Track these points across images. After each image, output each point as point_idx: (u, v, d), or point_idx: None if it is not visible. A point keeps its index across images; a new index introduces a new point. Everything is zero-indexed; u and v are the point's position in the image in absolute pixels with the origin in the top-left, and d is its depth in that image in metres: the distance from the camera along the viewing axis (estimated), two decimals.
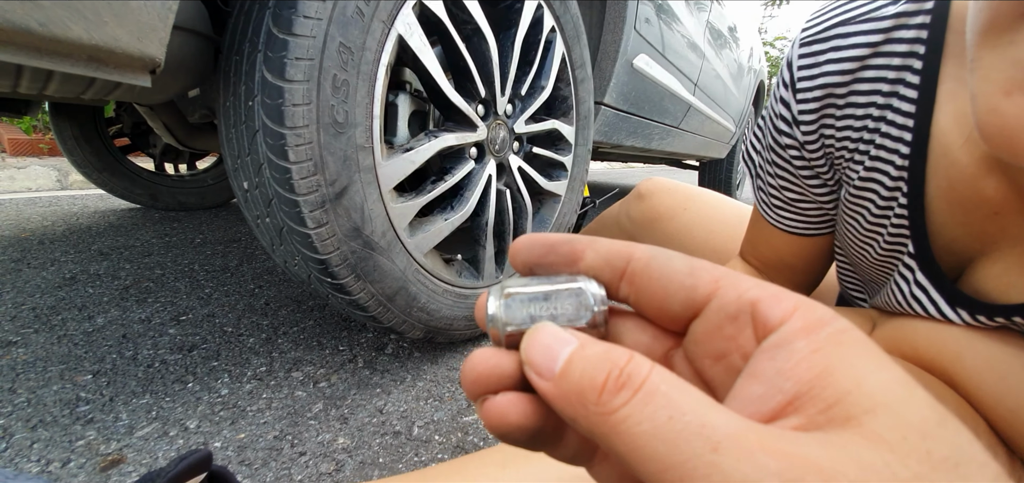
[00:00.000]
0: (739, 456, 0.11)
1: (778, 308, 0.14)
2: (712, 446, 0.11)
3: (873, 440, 0.11)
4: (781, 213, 0.56)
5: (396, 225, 0.73)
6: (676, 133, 2.08)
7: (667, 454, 0.12)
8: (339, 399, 0.74)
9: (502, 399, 0.16)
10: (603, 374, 0.13)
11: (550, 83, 0.99)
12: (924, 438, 0.11)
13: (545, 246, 0.19)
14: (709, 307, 0.16)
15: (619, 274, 0.18)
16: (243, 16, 0.63)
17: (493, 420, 0.16)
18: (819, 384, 0.12)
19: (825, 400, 0.12)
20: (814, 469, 0.11)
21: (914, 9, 0.39)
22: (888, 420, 0.11)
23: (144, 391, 0.72)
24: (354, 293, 0.70)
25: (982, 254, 0.40)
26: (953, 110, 0.38)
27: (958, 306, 0.40)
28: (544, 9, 0.93)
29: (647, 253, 0.17)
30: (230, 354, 0.85)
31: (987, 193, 0.37)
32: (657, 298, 0.17)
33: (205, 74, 0.72)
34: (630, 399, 0.13)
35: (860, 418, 0.11)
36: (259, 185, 0.65)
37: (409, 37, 0.69)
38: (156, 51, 0.47)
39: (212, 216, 1.93)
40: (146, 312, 0.98)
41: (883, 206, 0.44)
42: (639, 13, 1.29)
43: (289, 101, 0.57)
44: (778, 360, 0.13)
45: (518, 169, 0.98)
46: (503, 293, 0.17)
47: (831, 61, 0.44)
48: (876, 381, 0.12)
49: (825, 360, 0.12)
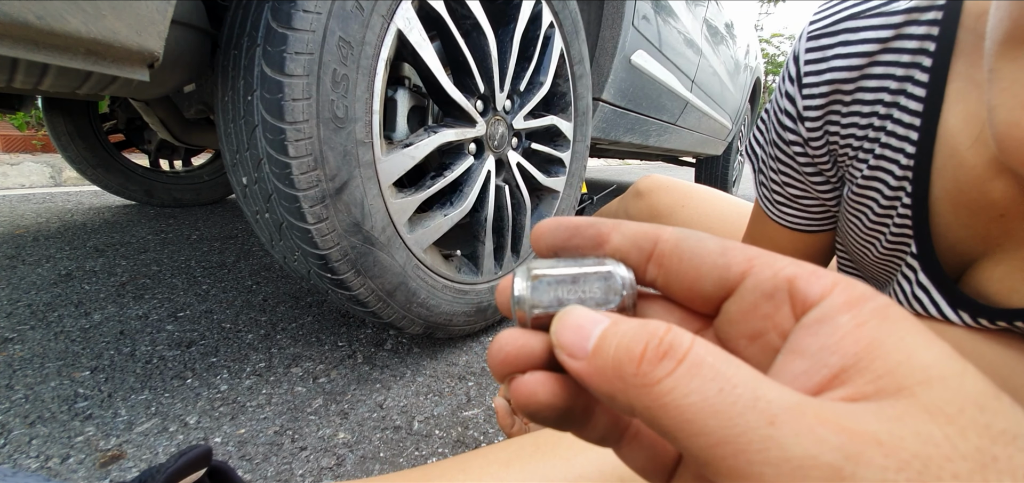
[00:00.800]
0: (797, 430, 0.11)
1: (817, 284, 0.14)
2: (768, 420, 0.11)
3: (931, 411, 0.11)
4: (783, 209, 0.56)
5: (396, 221, 0.73)
6: (673, 130, 2.08)
7: (719, 427, 0.11)
8: (339, 394, 0.74)
9: (530, 378, 0.16)
10: (641, 345, 0.13)
11: (549, 79, 0.99)
12: (982, 411, 0.11)
13: (570, 229, 0.19)
14: (743, 286, 0.15)
15: (647, 256, 0.17)
16: (241, 10, 0.63)
17: (522, 398, 0.16)
18: (867, 356, 0.12)
19: (875, 371, 0.12)
20: (873, 441, 0.10)
21: (926, 4, 0.38)
22: (944, 393, 0.11)
23: (143, 387, 0.72)
24: (354, 289, 0.70)
25: (985, 255, 0.39)
26: (963, 110, 0.37)
27: (960, 308, 0.40)
28: (543, 5, 0.93)
29: (676, 234, 0.17)
30: (229, 350, 0.84)
31: (994, 196, 0.36)
32: (688, 279, 0.16)
33: (202, 69, 0.71)
34: (674, 369, 0.12)
35: (914, 389, 0.11)
36: (258, 180, 0.64)
37: (408, 32, 0.68)
38: (155, 45, 0.46)
39: (208, 212, 1.92)
40: (143, 309, 0.98)
41: (886, 205, 0.44)
42: (637, 9, 1.29)
43: (289, 96, 0.57)
44: (821, 335, 0.13)
45: (517, 165, 0.98)
46: (530, 275, 0.17)
47: (839, 56, 0.43)
48: (928, 355, 0.12)
49: (872, 333, 0.12)
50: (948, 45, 0.37)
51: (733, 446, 0.11)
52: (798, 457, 0.10)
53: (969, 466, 0.10)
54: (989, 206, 0.37)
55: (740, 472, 0.11)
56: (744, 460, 0.11)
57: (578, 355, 0.15)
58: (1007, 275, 0.37)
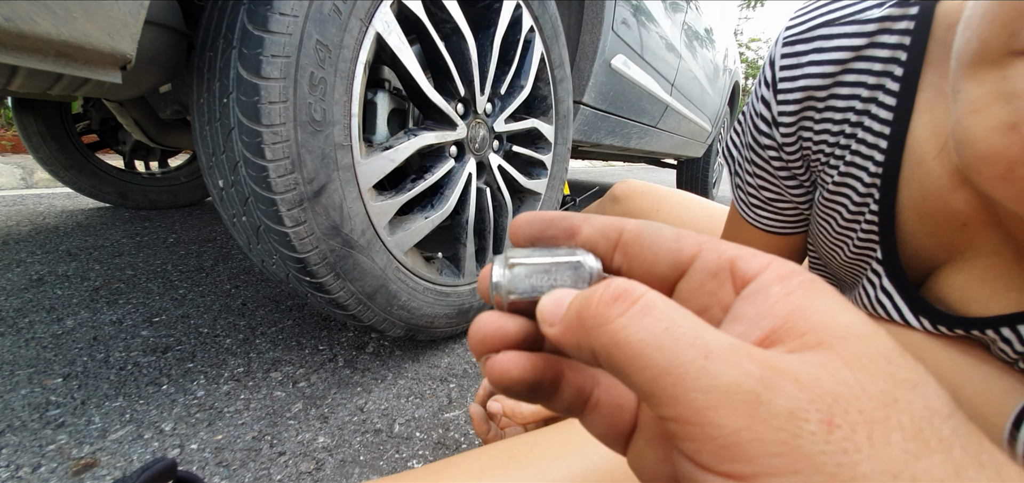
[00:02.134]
0: (728, 362, 0.12)
1: (754, 263, 0.16)
2: (705, 354, 0.13)
3: (846, 360, 0.12)
4: (758, 212, 0.57)
5: (376, 223, 0.73)
6: (654, 132, 2.11)
7: (663, 360, 0.13)
8: (319, 398, 0.74)
9: (504, 356, 0.18)
10: (598, 293, 0.15)
11: (529, 82, 1.00)
12: (889, 362, 0.13)
13: (545, 222, 0.20)
14: (693, 267, 0.17)
15: (613, 245, 0.19)
16: (216, 12, 0.62)
17: (496, 374, 0.18)
18: (793, 319, 0.14)
19: (800, 330, 0.13)
20: (792, 377, 0.12)
21: (899, 14, 0.39)
22: (859, 346, 0.13)
23: (117, 394, 0.71)
24: (333, 292, 0.70)
25: (948, 263, 0.40)
26: (930, 120, 0.38)
27: (920, 314, 0.41)
28: (523, 9, 0.94)
29: (638, 224, 0.19)
30: (206, 355, 0.83)
31: (957, 206, 0.37)
32: (648, 262, 0.18)
33: (177, 69, 0.70)
34: (627, 310, 0.14)
35: (833, 343, 0.13)
36: (235, 183, 0.64)
37: (387, 35, 0.69)
38: (127, 47, 0.46)
39: (185, 215, 1.89)
40: (117, 314, 0.96)
41: (855, 211, 0.45)
42: (617, 14, 1.31)
43: (265, 98, 0.57)
44: (756, 304, 0.15)
45: (498, 167, 0.99)
46: (507, 264, 0.19)
47: (813, 63, 0.43)
48: (846, 317, 0.13)
49: (798, 301, 0.14)
50: (919, 55, 0.38)
51: (673, 376, 0.13)
52: (725, 384, 0.12)
53: (874, 404, 0.12)
54: (952, 216, 0.38)
55: (677, 398, 0.12)
56: (682, 388, 0.12)
57: (553, 320, 0.17)
58: (967, 284, 0.39)
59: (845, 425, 0.11)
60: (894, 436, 0.11)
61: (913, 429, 0.11)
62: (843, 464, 0.11)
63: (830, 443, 0.11)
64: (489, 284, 0.19)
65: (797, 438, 0.11)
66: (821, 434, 0.11)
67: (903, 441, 0.11)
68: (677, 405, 0.12)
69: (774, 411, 0.12)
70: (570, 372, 0.20)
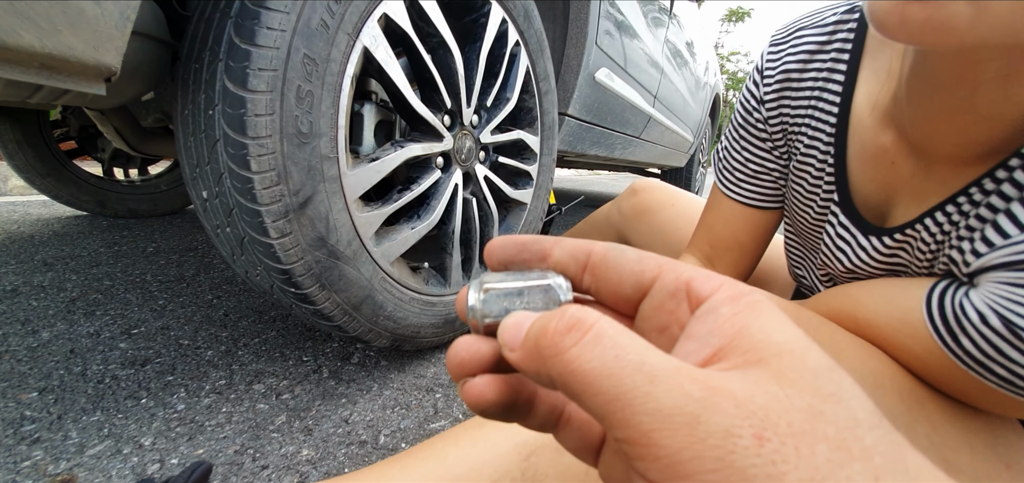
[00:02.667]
0: (670, 386, 0.13)
1: (708, 284, 0.17)
2: (650, 379, 0.14)
3: (778, 377, 0.14)
4: (742, 185, 0.68)
5: (362, 234, 0.73)
6: (637, 143, 2.14)
7: (612, 387, 0.14)
8: (303, 410, 0.74)
9: (480, 380, 0.19)
10: (553, 323, 0.16)
11: (515, 95, 1.01)
12: (816, 377, 0.14)
13: (518, 245, 0.22)
14: (654, 288, 0.19)
15: (582, 267, 0.20)
16: (203, 24, 0.62)
17: (472, 398, 0.19)
18: (739, 337, 0.15)
19: (743, 348, 0.15)
20: (729, 396, 0.13)
21: (847, 18, 0.53)
22: (790, 363, 0.14)
23: (95, 408, 0.69)
24: (319, 303, 0.70)
25: (888, 204, 0.50)
26: (866, 91, 0.51)
27: (870, 235, 0.51)
28: (508, 24, 0.95)
29: (604, 247, 0.20)
30: (186, 368, 0.82)
31: (885, 144, 0.48)
32: (613, 284, 0.20)
33: (161, 79, 0.70)
34: (580, 339, 0.15)
35: (769, 360, 0.14)
36: (219, 195, 0.64)
37: (375, 49, 0.69)
38: (112, 60, 0.46)
39: (166, 223, 1.86)
40: (95, 326, 0.94)
41: (818, 171, 0.57)
42: (600, 29, 1.34)
43: (252, 111, 0.57)
44: (707, 323, 0.16)
45: (484, 178, 0.99)
46: (482, 288, 0.20)
47: (788, 55, 0.58)
48: (783, 335, 0.15)
49: (744, 320, 0.15)
50: (860, 46, 0.52)
51: (622, 402, 0.14)
52: (668, 408, 0.13)
53: (801, 417, 0.13)
54: (883, 154, 0.49)
55: (626, 422, 0.13)
56: (630, 412, 0.13)
57: (514, 346, 0.17)
58: (902, 212, 0.49)
59: (775, 438, 0.12)
60: (819, 447, 0.12)
61: (837, 439, 0.12)
62: (772, 475, 0.12)
63: (761, 456, 0.12)
64: (466, 308, 0.20)
65: (731, 454, 0.12)
66: (753, 448, 0.12)
67: (827, 451, 0.12)
68: (627, 428, 0.13)
69: (711, 430, 0.13)
70: (543, 391, 0.21)
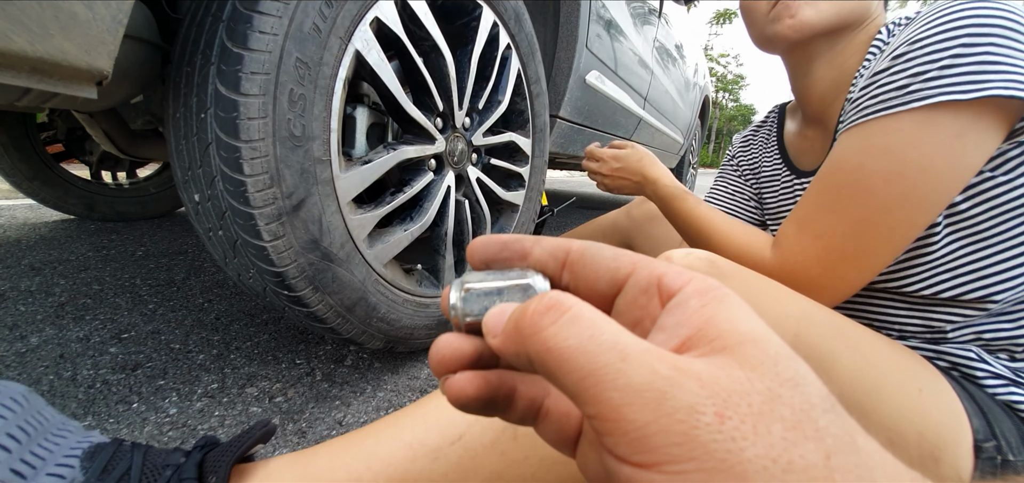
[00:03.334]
0: (641, 364, 0.14)
1: (678, 279, 0.18)
2: (622, 357, 0.14)
3: (741, 362, 0.15)
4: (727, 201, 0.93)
5: (355, 236, 0.74)
6: None
7: (586, 363, 0.15)
8: (297, 413, 0.74)
9: (460, 376, 0.20)
10: (533, 305, 0.17)
11: (507, 98, 1.02)
12: (776, 364, 0.15)
13: (499, 244, 0.22)
14: (628, 284, 0.20)
15: (561, 265, 0.21)
16: (194, 27, 0.62)
17: (454, 393, 0.20)
18: (706, 327, 0.16)
19: (709, 337, 0.16)
20: (695, 377, 0.14)
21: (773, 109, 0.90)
22: (753, 350, 0.15)
23: (86, 413, 0.69)
24: (312, 305, 0.70)
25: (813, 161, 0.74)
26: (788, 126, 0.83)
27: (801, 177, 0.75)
28: (499, 27, 0.96)
29: (582, 245, 0.21)
30: (178, 372, 0.82)
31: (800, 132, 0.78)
32: (590, 280, 0.20)
33: (151, 81, 0.70)
34: (558, 319, 0.16)
35: (734, 348, 0.15)
36: (211, 198, 0.64)
37: (367, 53, 0.70)
38: (104, 64, 0.46)
39: (155, 227, 1.84)
40: (84, 330, 0.93)
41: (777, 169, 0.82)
42: (590, 32, 1.35)
43: (244, 115, 0.57)
44: (677, 315, 0.17)
45: (477, 180, 1.00)
46: (463, 288, 0.20)
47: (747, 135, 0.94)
48: (746, 325, 0.16)
49: (711, 311, 0.16)
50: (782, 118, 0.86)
51: (594, 377, 0.14)
52: (638, 384, 0.14)
53: (760, 399, 0.14)
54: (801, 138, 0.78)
55: (597, 397, 0.14)
56: (601, 388, 0.14)
57: (495, 332, 0.18)
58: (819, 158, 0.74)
59: (735, 417, 0.13)
60: (775, 426, 0.13)
61: (792, 420, 0.14)
62: (731, 450, 0.13)
63: (722, 432, 0.13)
64: (448, 306, 0.21)
65: (695, 429, 0.13)
66: (714, 425, 0.13)
67: (783, 430, 0.13)
68: (598, 404, 0.14)
69: (677, 406, 0.13)
70: (522, 386, 0.21)
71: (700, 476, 0.13)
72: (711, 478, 0.13)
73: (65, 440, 0.37)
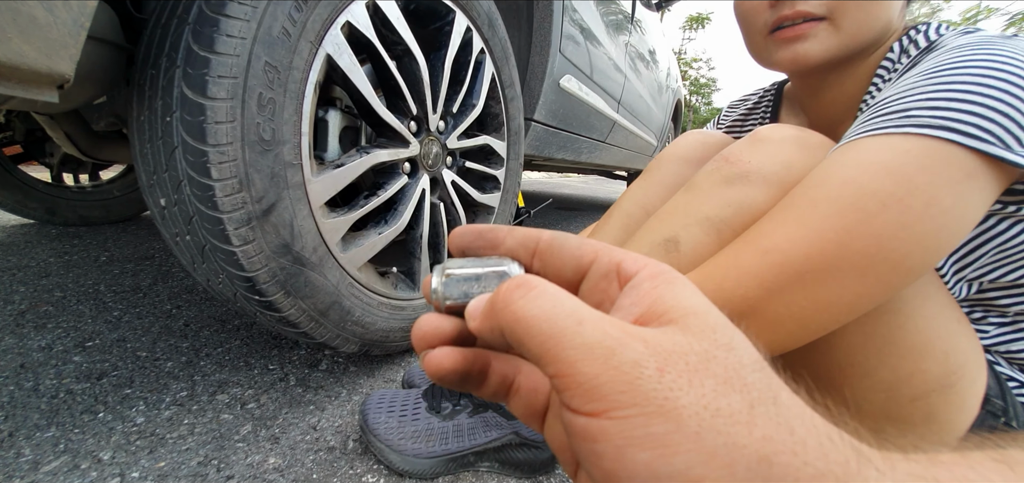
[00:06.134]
0: (594, 327, 0.17)
1: (635, 265, 0.20)
2: (578, 321, 0.17)
3: (683, 330, 0.17)
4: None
5: (328, 240, 0.73)
6: (603, 147, 2.19)
7: (549, 327, 0.17)
8: (270, 419, 0.73)
9: (439, 351, 0.22)
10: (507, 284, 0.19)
11: (481, 101, 1.03)
12: (714, 332, 0.17)
13: (474, 233, 0.25)
14: (591, 270, 0.22)
15: (531, 253, 0.23)
16: (159, 29, 0.62)
17: (433, 366, 0.22)
18: (656, 305, 0.18)
19: (658, 312, 0.18)
20: (640, 338, 0.16)
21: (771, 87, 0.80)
22: (694, 320, 0.17)
23: (49, 424, 0.67)
24: (284, 310, 0.69)
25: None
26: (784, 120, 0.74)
27: None
28: (473, 32, 0.97)
29: (550, 235, 0.23)
30: (145, 380, 0.80)
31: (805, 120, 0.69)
32: (557, 267, 0.23)
33: (115, 82, 0.68)
34: (527, 294, 0.18)
35: (677, 320, 0.17)
36: (178, 202, 0.63)
37: (338, 57, 0.70)
38: (65, 68, 0.45)
39: (119, 231, 1.78)
40: (46, 339, 0.91)
41: None
42: (564, 37, 1.37)
43: (212, 119, 0.57)
44: (631, 295, 0.19)
45: (451, 183, 1.01)
46: (443, 273, 0.22)
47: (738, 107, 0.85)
48: (689, 301, 0.18)
49: (660, 291, 0.19)
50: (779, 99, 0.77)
51: (555, 340, 0.17)
52: (590, 343, 0.16)
53: (697, 359, 0.16)
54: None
55: (557, 357, 0.16)
56: (560, 348, 0.16)
57: (475, 316, 0.21)
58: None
59: (672, 372, 0.16)
60: (708, 381, 0.16)
61: (724, 376, 0.16)
62: (668, 398, 0.15)
63: (661, 383, 0.15)
64: (430, 290, 0.23)
65: (638, 380, 0.15)
66: (655, 377, 0.15)
67: (714, 384, 0.16)
68: (557, 362, 0.16)
69: (623, 360, 0.16)
70: (496, 363, 0.24)
71: (641, 419, 0.15)
72: (651, 421, 0.15)
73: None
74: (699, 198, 0.51)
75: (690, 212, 0.51)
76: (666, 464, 0.15)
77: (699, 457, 0.15)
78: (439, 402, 0.68)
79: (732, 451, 0.15)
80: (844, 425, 0.17)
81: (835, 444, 0.16)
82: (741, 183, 0.49)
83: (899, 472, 0.16)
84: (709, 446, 0.15)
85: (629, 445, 0.15)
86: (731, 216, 0.49)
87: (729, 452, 0.15)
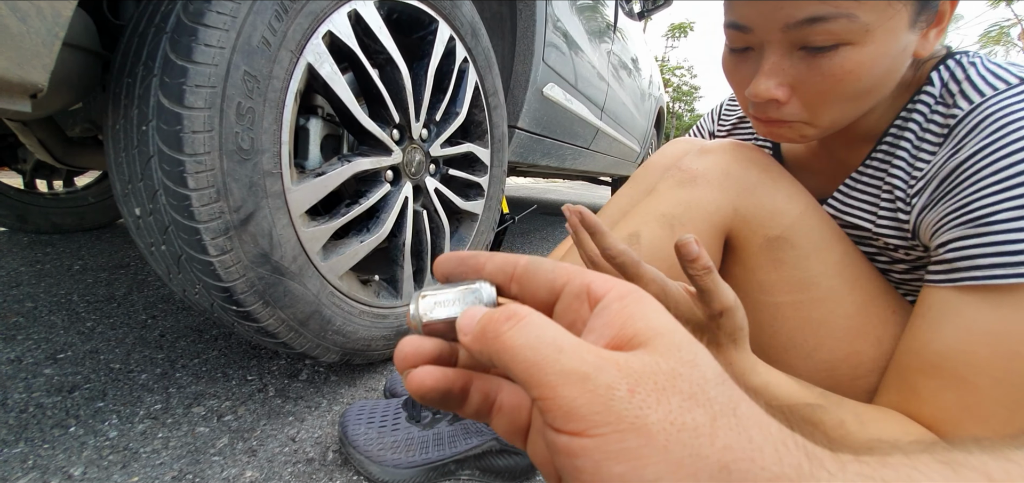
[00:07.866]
0: (573, 355, 0.18)
1: (604, 287, 0.22)
2: (558, 349, 0.18)
3: (651, 351, 0.18)
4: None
5: (308, 249, 0.73)
6: (587, 153, 2.21)
7: (533, 356, 0.18)
8: (247, 431, 0.72)
9: (421, 369, 0.23)
10: (495, 314, 0.21)
11: (464, 109, 1.03)
12: (679, 350, 0.19)
13: (457, 260, 0.26)
14: (563, 292, 0.23)
15: (509, 277, 0.25)
16: (136, 37, 0.61)
17: (415, 384, 0.23)
18: (626, 325, 0.20)
19: (628, 334, 0.19)
20: (614, 363, 0.18)
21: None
22: (661, 340, 0.19)
23: (17, 439, 0.65)
24: (262, 320, 0.69)
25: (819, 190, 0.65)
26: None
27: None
28: (456, 41, 0.98)
29: (528, 260, 0.25)
30: (118, 393, 0.78)
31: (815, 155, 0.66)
32: (532, 289, 0.24)
33: (90, 89, 0.67)
34: (515, 325, 0.19)
35: (647, 340, 0.19)
36: (153, 212, 0.62)
37: (319, 66, 0.69)
38: (38, 77, 0.44)
39: (93, 238, 1.74)
40: (16, 351, 0.88)
41: None
42: (547, 45, 1.39)
43: (189, 128, 0.56)
44: (602, 317, 0.21)
45: (435, 190, 1.01)
46: (420, 297, 0.24)
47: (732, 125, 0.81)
48: (658, 321, 0.20)
49: (629, 312, 0.20)
50: None
51: (538, 367, 0.18)
52: (569, 369, 0.18)
53: (664, 378, 0.18)
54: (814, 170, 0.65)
55: (540, 381, 0.18)
56: (543, 373, 0.18)
57: (467, 331, 0.22)
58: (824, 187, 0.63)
59: (642, 391, 0.17)
60: (674, 398, 0.17)
61: (689, 392, 0.17)
62: (639, 416, 0.17)
63: (632, 403, 0.17)
64: (410, 314, 0.24)
65: (611, 401, 0.17)
66: (627, 398, 0.17)
67: (680, 400, 0.17)
68: (540, 387, 0.18)
69: (598, 384, 0.17)
70: (478, 381, 0.25)
71: (616, 437, 0.16)
72: (624, 437, 0.16)
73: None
74: (657, 199, 0.58)
75: (649, 211, 0.57)
76: (638, 476, 0.16)
77: (667, 468, 0.16)
78: (419, 411, 0.68)
79: (696, 461, 0.16)
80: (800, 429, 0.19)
81: (789, 448, 0.17)
82: (690, 186, 0.56)
83: (849, 473, 0.17)
84: (676, 458, 0.16)
85: (606, 460, 0.16)
86: (682, 213, 0.55)
87: (694, 462, 0.16)
